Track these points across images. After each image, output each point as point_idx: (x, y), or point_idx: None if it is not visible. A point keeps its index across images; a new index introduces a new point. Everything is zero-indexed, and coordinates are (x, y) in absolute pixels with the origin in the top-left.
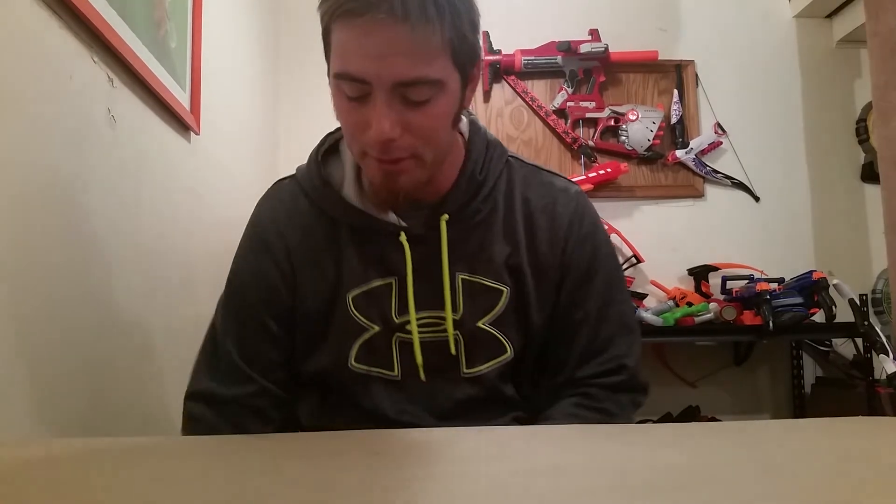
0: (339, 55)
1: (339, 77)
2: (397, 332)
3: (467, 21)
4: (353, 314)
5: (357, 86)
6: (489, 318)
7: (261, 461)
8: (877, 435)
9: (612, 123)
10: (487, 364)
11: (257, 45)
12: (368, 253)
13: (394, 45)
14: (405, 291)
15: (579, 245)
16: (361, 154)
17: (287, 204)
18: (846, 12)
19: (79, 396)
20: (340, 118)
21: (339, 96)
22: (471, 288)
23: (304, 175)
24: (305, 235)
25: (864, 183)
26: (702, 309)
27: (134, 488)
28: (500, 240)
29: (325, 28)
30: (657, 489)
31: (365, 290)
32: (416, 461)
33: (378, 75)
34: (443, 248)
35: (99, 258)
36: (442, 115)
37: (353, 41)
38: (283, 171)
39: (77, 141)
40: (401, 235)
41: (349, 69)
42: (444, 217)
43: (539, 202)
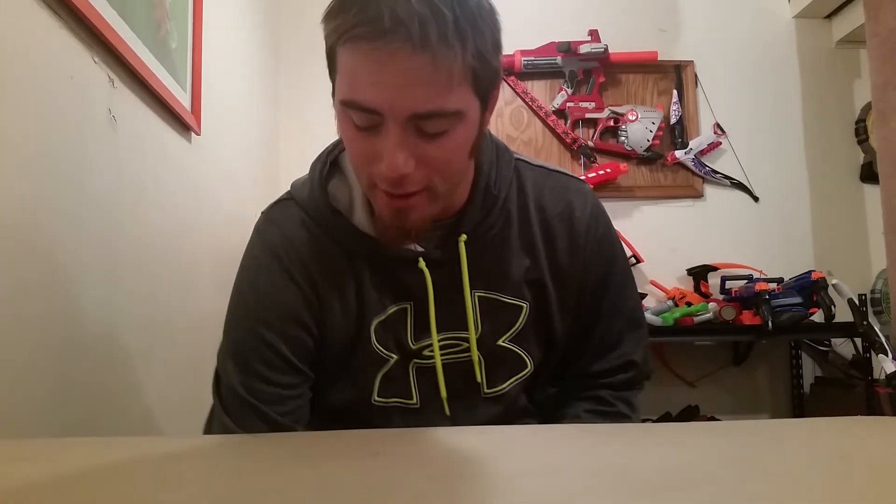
0: (348, 82)
1: (346, 105)
2: (414, 359)
3: (491, 42)
4: (375, 346)
5: (367, 116)
6: (509, 336)
7: (261, 461)
8: (876, 435)
9: (612, 124)
10: (508, 382)
11: (257, 45)
12: (383, 279)
13: (410, 76)
14: (422, 315)
15: (597, 247)
16: (370, 185)
17: (297, 231)
18: (845, 13)
19: (79, 396)
20: (347, 146)
21: (346, 123)
22: (489, 306)
23: (308, 202)
24: (326, 265)
25: (863, 183)
26: (701, 309)
27: (134, 488)
28: (517, 253)
29: (330, 48)
30: (657, 489)
31: (382, 320)
32: (416, 461)
33: (391, 107)
34: (463, 271)
35: (100, 258)
36: (459, 147)
37: (364, 69)
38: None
39: (78, 141)
40: (420, 262)
41: (359, 98)
42: (463, 238)
43: (555, 209)
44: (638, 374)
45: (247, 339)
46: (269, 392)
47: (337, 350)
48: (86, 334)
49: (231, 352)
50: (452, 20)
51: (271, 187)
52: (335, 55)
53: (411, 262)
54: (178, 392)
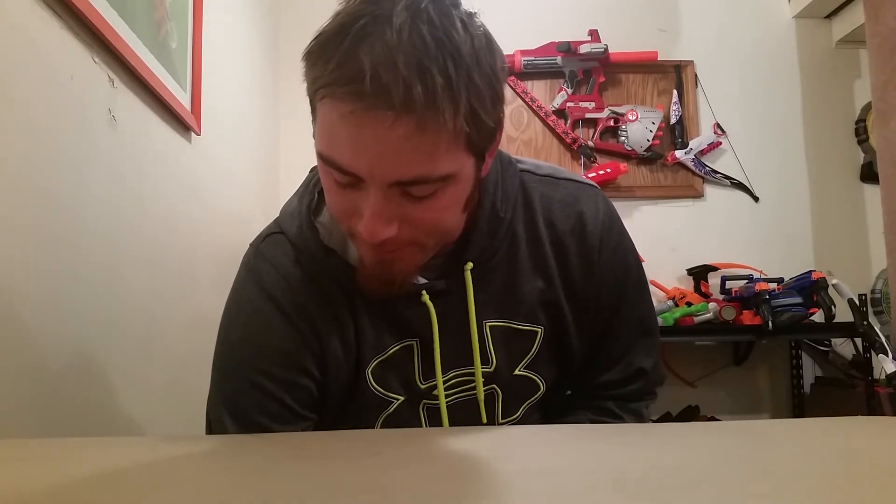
0: (327, 139)
1: (325, 161)
2: (424, 399)
3: (489, 97)
4: (374, 388)
5: (346, 176)
6: (525, 363)
7: (261, 461)
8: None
9: (612, 124)
10: (522, 408)
11: (257, 45)
12: (385, 316)
13: (391, 144)
14: (429, 353)
15: (612, 260)
16: (350, 234)
17: (292, 269)
18: (845, 12)
19: (80, 395)
20: (326, 195)
21: (325, 173)
22: (503, 335)
23: (300, 241)
24: (324, 305)
25: (863, 183)
26: (701, 309)
27: (134, 487)
28: (528, 275)
29: (309, 94)
30: (657, 489)
31: (383, 359)
32: (416, 461)
33: (371, 173)
34: (469, 301)
35: (99, 258)
36: (449, 207)
37: (342, 132)
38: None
39: (78, 141)
40: (423, 296)
41: (337, 159)
42: (469, 266)
43: (566, 225)
44: (647, 383)
45: (245, 391)
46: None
47: (336, 393)
48: (85, 333)
49: (227, 404)
50: (442, 79)
51: (271, 187)
52: (314, 104)
53: (414, 296)
54: (178, 392)
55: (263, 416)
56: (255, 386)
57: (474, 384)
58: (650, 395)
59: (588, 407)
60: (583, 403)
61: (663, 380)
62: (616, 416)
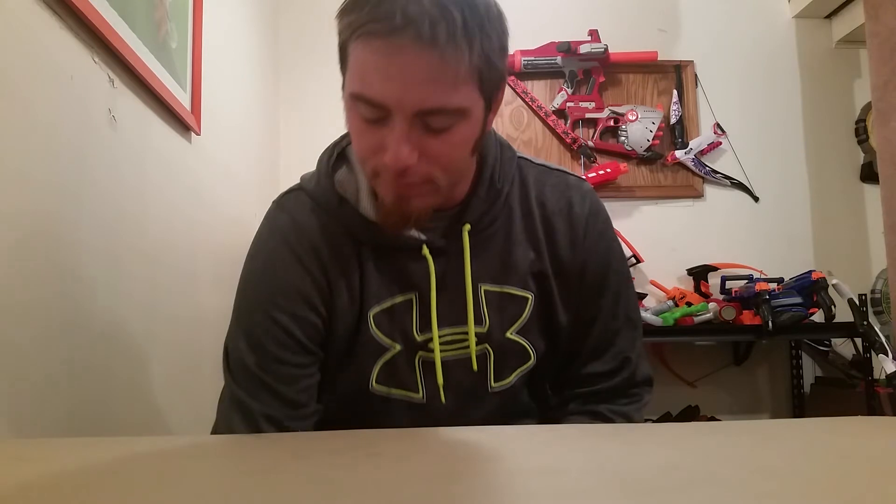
0: (358, 76)
1: (356, 98)
2: (420, 351)
3: (497, 46)
4: (375, 333)
5: (375, 109)
6: (516, 328)
7: (261, 461)
8: (876, 435)
9: (612, 124)
10: (514, 375)
11: (257, 45)
12: (389, 268)
13: (418, 72)
14: (427, 307)
15: (595, 243)
16: (374, 174)
17: (307, 218)
18: (845, 12)
19: (80, 395)
20: (353, 138)
21: (353, 116)
22: (497, 299)
23: (317, 191)
24: (335, 250)
25: (863, 183)
26: (701, 309)
27: (133, 488)
28: (522, 246)
29: (342, 43)
30: (657, 489)
31: (386, 308)
32: (416, 461)
33: (399, 102)
34: (465, 260)
35: (100, 257)
36: (462, 143)
37: (373, 64)
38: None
39: (78, 141)
40: (423, 248)
41: (367, 92)
42: (466, 227)
43: (555, 205)
44: (634, 375)
45: (259, 322)
46: (283, 371)
47: (341, 335)
48: (86, 333)
49: (244, 333)
50: (461, 21)
51: (271, 187)
52: (347, 50)
53: (415, 250)
54: (178, 391)
55: (274, 345)
56: (267, 316)
57: (467, 343)
58: (637, 394)
59: (582, 412)
60: (576, 408)
61: (651, 381)
62: (608, 419)
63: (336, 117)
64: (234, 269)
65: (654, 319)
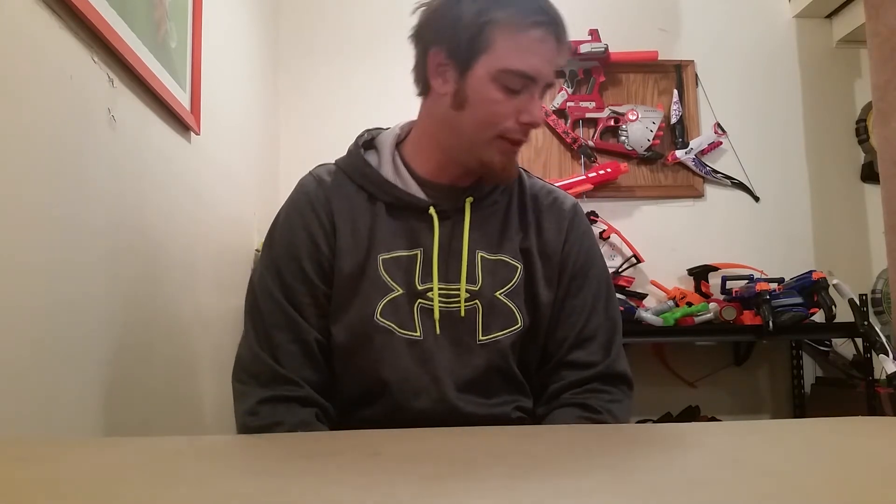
0: (515, 54)
1: (510, 72)
2: (419, 299)
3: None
4: (382, 274)
5: (523, 81)
6: (506, 290)
7: (261, 461)
8: (877, 435)
9: (612, 123)
10: (502, 332)
11: (257, 45)
12: (399, 226)
13: (554, 57)
14: (429, 264)
15: (578, 240)
16: (494, 138)
17: (330, 179)
18: (846, 12)
19: (79, 396)
20: (490, 105)
21: (494, 88)
22: (491, 265)
23: (345, 160)
24: (346, 202)
25: (863, 183)
26: (702, 309)
27: (133, 488)
28: (514, 225)
29: (480, 26)
30: (657, 489)
31: (393, 257)
32: (415, 461)
33: (543, 75)
34: (465, 225)
35: (99, 258)
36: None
37: (534, 46)
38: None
39: (78, 141)
40: (430, 209)
41: (524, 68)
42: (470, 199)
43: (545, 201)
44: (612, 365)
45: (281, 256)
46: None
47: (348, 272)
48: (85, 333)
49: (270, 267)
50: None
51: (271, 187)
52: (488, 33)
53: (423, 211)
54: (178, 391)
55: (290, 277)
56: (288, 252)
57: (457, 297)
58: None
59: (572, 403)
60: (568, 399)
61: (631, 381)
62: (597, 411)
63: (336, 117)
64: (234, 269)
65: (655, 319)
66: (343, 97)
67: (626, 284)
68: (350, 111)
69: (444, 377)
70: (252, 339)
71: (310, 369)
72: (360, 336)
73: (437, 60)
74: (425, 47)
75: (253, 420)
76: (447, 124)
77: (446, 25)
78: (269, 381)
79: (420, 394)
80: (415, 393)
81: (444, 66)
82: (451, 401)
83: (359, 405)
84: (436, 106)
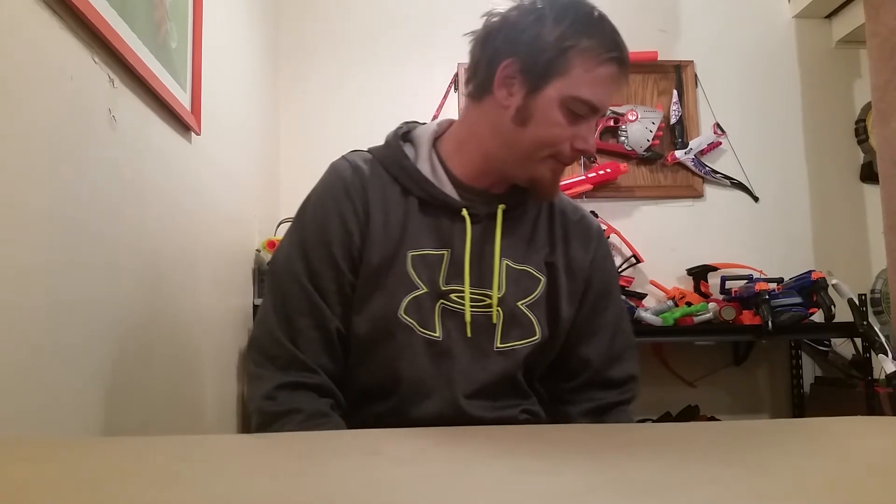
0: (587, 85)
1: (579, 100)
2: (441, 299)
3: None
4: (409, 271)
5: (588, 110)
6: (527, 301)
7: (261, 461)
8: (876, 435)
9: (612, 124)
10: (519, 342)
11: (257, 45)
12: (429, 223)
13: (617, 92)
14: (455, 265)
15: (602, 261)
16: (546, 157)
17: (366, 167)
18: (845, 12)
19: (79, 396)
20: (551, 128)
21: (560, 112)
22: (515, 274)
23: (382, 151)
24: (381, 192)
25: (863, 183)
26: (701, 309)
27: (134, 487)
28: (541, 238)
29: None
30: (657, 489)
31: (421, 254)
32: (416, 461)
33: (604, 108)
34: (497, 231)
35: (99, 259)
36: None
37: (606, 80)
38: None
39: (78, 141)
40: (463, 211)
41: (593, 99)
42: (502, 206)
43: (573, 217)
44: (636, 389)
45: (309, 238)
46: (322, 284)
47: (376, 264)
48: (84, 333)
49: (298, 250)
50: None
51: (271, 187)
52: (567, 58)
53: (456, 211)
54: (178, 391)
55: (317, 261)
56: (318, 233)
57: (486, 303)
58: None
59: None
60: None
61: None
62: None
63: (335, 117)
64: (235, 269)
65: (654, 319)
66: (342, 97)
67: (626, 284)
68: (349, 111)
69: (458, 379)
70: (272, 321)
71: (328, 358)
72: (381, 330)
73: (507, 72)
74: (495, 56)
75: (270, 405)
76: (503, 136)
77: (525, 41)
78: (286, 366)
79: (432, 394)
80: (427, 393)
81: (512, 79)
82: (460, 404)
83: (369, 400)
84: (493, 115)
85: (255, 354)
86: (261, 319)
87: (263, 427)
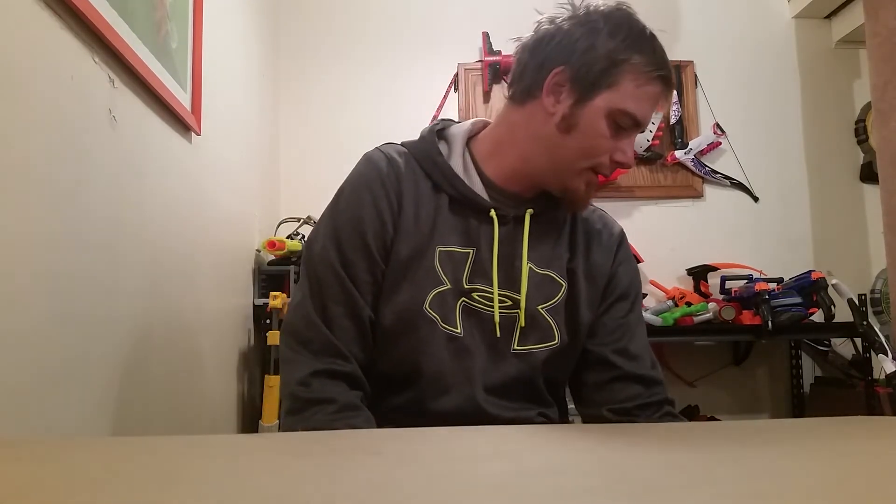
0: (635, 100)
1: (626, 114)
2: (463, 297)
3: None
4: (436, 266)
5: (631, 123)
6: (548, 306)
7: (261, 461)
8: (876, 435)
9: None
10: (537, 346)
11: (257, 45)
12: (457, 221)
13: (658, 109)
14: (480, 263)
15: (624, 264)
16: (586, 169)
17: (401, 160)
18: (845, 13)
19: (79, 394)
20: (595, 139)
21: (605, 123)
22: (538, 279)
23: (417, 145)
24: (414, 186)
25: (862, 183)
26: (701, 309)
27: (133, 488)
28: (564, 244)
29: (613, 62)
30: (657, 489)
31: (448, 251)
32: (416, 461)
33: (646, 124)
34: (524, 235)
35: (100, 258)
36: None
37: (652, 97)
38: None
39: (78, 141)
40: (491, 211)
41: (638, 113)
42: (530, 210)
43: (595, 225)
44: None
45: (343, 226)
46: (355, 273)
47: (405, 256)
48: (85, 333)
49: (332, 238)
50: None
51: (271, 187)
52: (617, 72)
53: (484, 211)
54: (178, 391)
55: (351, 251)
56: (353, 223)
57: (505, 305)
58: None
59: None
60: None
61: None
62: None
63: (335, 117)
64: (234, 269)
65: (654, 319)
66: (342, 97)
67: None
68: (349, 111)
69: (476, 377)
70: (308, 305)
71: (359, 347)
72: (406, 322)
73: (557, 79)
74: (546, 62)
75: (304, 391)
76: (545, 142)
77: (578, 51)
78: (320, 351)
79: (451, 389)
80: (446, 387)
81: (561, 87)
82: (479, 401)
83: (389, 392)
84: (536, 120)
85: (289, 338)
86: (296, 305)
87: (295, 412)
